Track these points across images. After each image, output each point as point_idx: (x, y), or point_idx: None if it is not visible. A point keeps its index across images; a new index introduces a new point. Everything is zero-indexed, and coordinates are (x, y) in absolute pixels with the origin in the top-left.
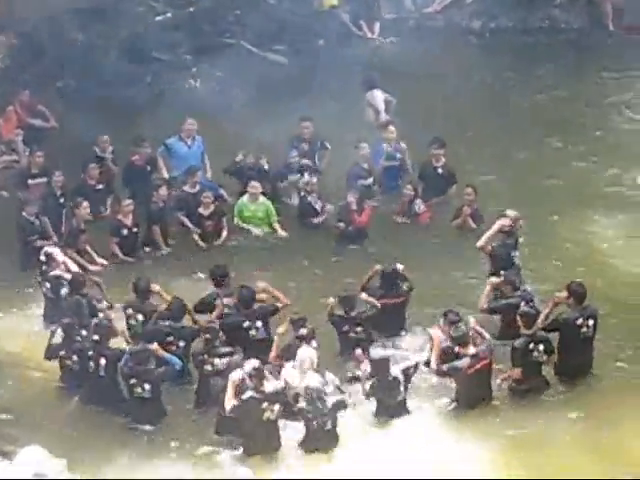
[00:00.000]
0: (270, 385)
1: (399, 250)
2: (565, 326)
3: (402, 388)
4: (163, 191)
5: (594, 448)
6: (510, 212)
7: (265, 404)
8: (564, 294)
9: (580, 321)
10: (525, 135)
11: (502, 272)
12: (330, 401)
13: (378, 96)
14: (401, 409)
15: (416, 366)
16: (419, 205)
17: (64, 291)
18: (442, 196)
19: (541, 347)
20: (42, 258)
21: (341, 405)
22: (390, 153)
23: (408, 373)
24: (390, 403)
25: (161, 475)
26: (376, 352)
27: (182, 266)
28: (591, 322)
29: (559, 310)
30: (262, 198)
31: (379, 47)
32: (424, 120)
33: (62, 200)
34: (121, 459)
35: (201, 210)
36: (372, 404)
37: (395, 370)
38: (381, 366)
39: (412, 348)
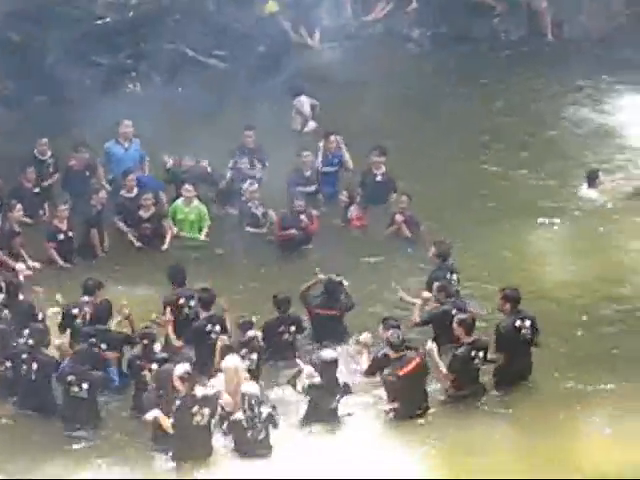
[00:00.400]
0: (201, 390)
1: (341, 257)
2: (506, 333)
3: (338, 396)
4: (102, 194)
5: (530, 454)
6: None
7: (195, 408)
8: None
9: (518, 323)
10: (460, 145)
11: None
12: (265, 411)
13: (305, 102)
14: (333, 416)
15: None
16: (352, 211)
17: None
18: (382, 204)
19: (481, 354)
20: None
21: (272, 420)
22: (328, 160)
23: (346, 388)
24: (324, 408)
25: None
26: (327, 353)
27: (120, 271)
28: (528, 323)
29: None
30: (196, 201)
31: (318, 54)
32: (360, 128)
33: None
34: (54, 465)
35: (141, 213)
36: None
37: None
38: (330, 368)
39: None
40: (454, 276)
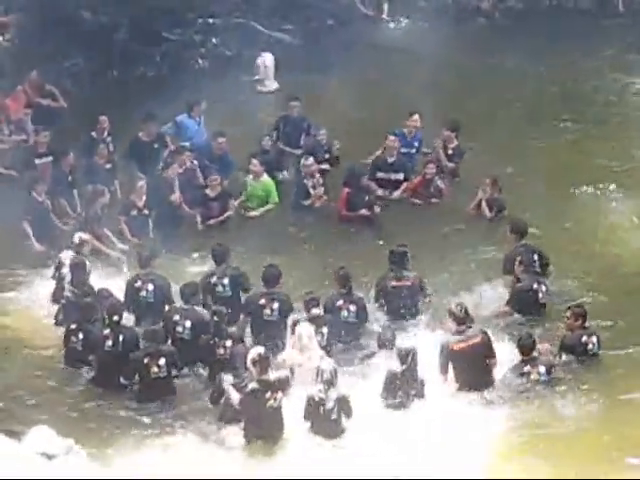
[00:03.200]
0: (274, 373)
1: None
2: (572, 347)
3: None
4: (175, 167)
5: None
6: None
7: (268, 393)
8: None
9: (585, 339)
10: (532, 120)
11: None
12: (337, 391)
13: (267, 60)
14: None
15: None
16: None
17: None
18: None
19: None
20: (75, 241)
21: (345, 404)
22: (407, 140)
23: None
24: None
25: (168, 456)
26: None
27: (185, 246)
28: (595, 339)
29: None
30: (265, 176)
31: (386, 27)
32: (431, 103)
33: (70, 179)
34: (128, 440)
35: (208, 192)
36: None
37: None
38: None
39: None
40: (534, 256)
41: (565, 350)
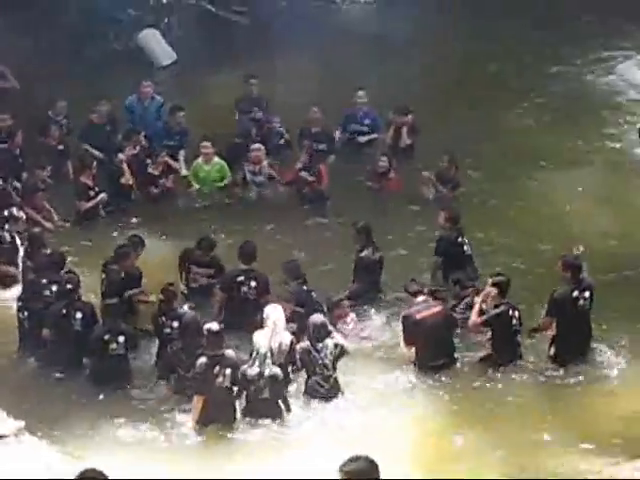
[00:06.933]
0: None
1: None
2: (561, 302)
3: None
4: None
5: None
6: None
7: (217, 368)
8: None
9: (576, 294)
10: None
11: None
12: (270, 370)
13: (150, 35)
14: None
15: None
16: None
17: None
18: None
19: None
20: (5, 214)
21: (276, 382)
22: (358, 119)
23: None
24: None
25: (121, 436)
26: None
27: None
28: (587, 294)
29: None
30: (216, 158)
31: (340, 10)
32: (382, 86)
33: (21, 160)
34: (80, 421)
35: (150, 170)
36: None
37: None
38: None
39: None
40: (465, 239)
41: (554, 306)
